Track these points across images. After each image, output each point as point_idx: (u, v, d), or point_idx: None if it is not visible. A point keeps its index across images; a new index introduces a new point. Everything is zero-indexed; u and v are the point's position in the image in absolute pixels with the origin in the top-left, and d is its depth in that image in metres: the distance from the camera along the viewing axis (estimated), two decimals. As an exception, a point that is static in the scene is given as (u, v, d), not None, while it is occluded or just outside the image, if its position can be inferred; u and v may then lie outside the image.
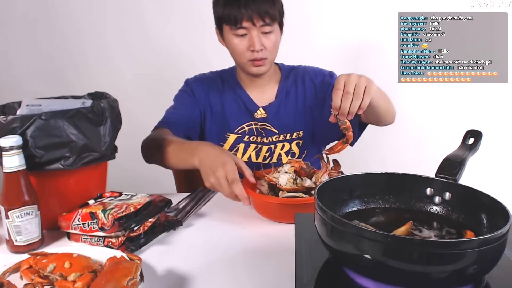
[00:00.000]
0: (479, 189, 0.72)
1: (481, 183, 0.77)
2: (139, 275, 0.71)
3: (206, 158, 1.04)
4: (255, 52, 1.23)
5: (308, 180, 1.06)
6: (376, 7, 2.03)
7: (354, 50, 2.13)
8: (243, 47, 1.24)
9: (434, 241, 0.67)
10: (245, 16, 1.19)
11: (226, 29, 1.24)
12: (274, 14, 1.21)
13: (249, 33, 1.22)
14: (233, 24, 1.21)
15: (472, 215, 0.73)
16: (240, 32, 1.22)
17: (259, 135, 1.38)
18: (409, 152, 2.17)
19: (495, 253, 0.59)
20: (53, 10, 2.19)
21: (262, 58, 1.25)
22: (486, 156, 2.12)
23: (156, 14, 2.14)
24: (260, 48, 1.23)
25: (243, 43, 1.23)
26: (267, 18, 1.20)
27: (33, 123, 0.89)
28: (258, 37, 1.22)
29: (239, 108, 1.38)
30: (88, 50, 2.22)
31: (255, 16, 1.19)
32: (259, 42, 1.22)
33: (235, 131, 1.37)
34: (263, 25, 1.21)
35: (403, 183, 0.80)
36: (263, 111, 1.37)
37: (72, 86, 2.06)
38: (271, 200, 1.01)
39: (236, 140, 1.37)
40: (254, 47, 1.22)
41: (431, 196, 0.78)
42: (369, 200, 0.81)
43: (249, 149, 1.37)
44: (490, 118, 2.09)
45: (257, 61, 1.26)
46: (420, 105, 2.16)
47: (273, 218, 1.02)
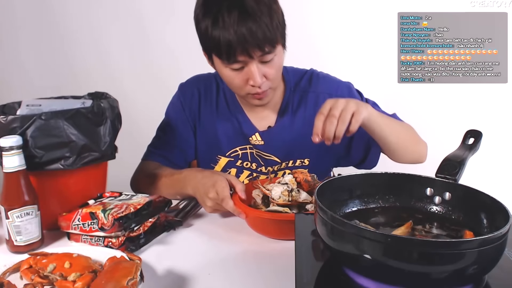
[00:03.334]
0: (479, 189, 0.72)
1: (481, 183, 0.77)
2: (139, 275, 0.71)
3: (198, 184, 1.01)
4: (256, 87, 1.03)
5: (304, 194, 0.97)
6: (376, 7, 2.03)
7: (354, 50, 2.13)
8: (241, 81, 1.03)
9: (434, 241, 0.67)
10: (239, 49, 0.95)
11: (217, 59, 1.03)
12: (274, 37, 0.97)
13: (246, 66, 1.00)
14: (225, 58, 0.98)
15: (472, 215, 0.73)
16: (235, 67, 1.01)
17: (254, 161, 1.22)
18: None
19: (495, 253, 0.59)
20: (53, 10, 2.19)
21: (264, 90, 1.05)
22: (486, 156, 2.12)
23: (156, 14, 2.14)
24: (261, 82, 1.02)
25: (240, 76, 1.02)
26: (267, 46, 0.97)
27: (33, 123, 0.89)
28: (258, 70, 1.00)
29: (233, 128, 1.20)
30: (88, 50, 2.22)
31: (251, 48, 0.95)
32: (260, 75, 1.00)
33: (226, 154, 1.22)
34: (262, 55, 0.98)
35: (403, 183, 0.80)
36: (260, 138, 1.18)
37: (72, 86, 2.06)
38: (253, 214, 0.94)
39: (228, 164, 1.23)
40: (254, 82, 1.01)
41: (431, 196, 0.78)
42: (369, 200, 0.81)
43: (242, 175, 1.22)
44: (490, 118, 2.10)
45: (258, 95, 1.06)
46: (420, 105, 2.16)
47: (258, 231, 0.96)
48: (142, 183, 1.18)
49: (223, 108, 1.22)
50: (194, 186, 1.03)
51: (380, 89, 1.64)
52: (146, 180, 1.16)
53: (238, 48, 0.95)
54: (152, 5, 2.13)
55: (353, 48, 2.13)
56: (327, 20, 2.08)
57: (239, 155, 1.21)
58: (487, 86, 1.81)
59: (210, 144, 1.23)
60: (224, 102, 1.22)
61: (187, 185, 1.05)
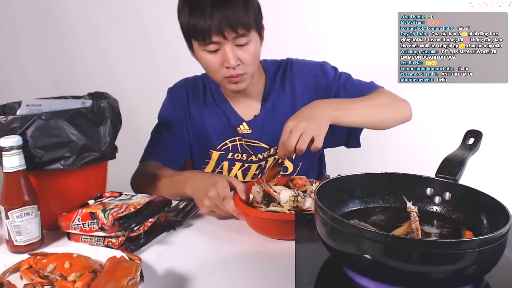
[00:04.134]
0: (479, 189, 0.72)
1: (481, 183, 0.77)
2: (139, 275, 0.71)
3: (199, 183, 1.01)
4: (231, 69, 1.08)
5: (309, 201, 0.96)
6: (376, 7, 2.03)
7: (354, 50, 2.13)
8: (217, 63, 1.08)
9: (434, 241, 0.67)
10: (213, 29, 1.02)
11: (195, 44, 1.09)
12: (248, 21, 1.04)
13: (221, 47, 1.06)
14: (201, 39, 1.05)
15: (472, 215, 0.73)
16: (211, 48, 1.06)
17: (244, 152, 1.26)
18: (409, 152, 2.17)
19: (495, 253, 0.59)
20: (53, 10, 2.19)
21: (239, 74, 1.10)
22: (486, 156, 2.12)
23: (155, 14, 2.14)
24: (235, 63, 1.07)
25: (216, 59, 1.08)
26: (240, 28, 1.03)
27: (33, 123, 0.89)
28: (232, 52, 1.05)
29: (221, 122, 1.26)
30: (87, 50, 2.22)
31: (225, 28, 1.02)
32: (233, 57, 1.06)
33: (217, 148, 1.27)
34: (236, 36, 1.05)
35: (403, 183, 0.80)
36: (247, 127, 1.24)
37: (72, 86, 2.06)
38: (254, 214, 0.93)
39: (220, 157, 1.27)
40: (228, 63, 1.07)
41: (431, 196, 0.78)
42: (369, 200, 0.81)
43: (234, 168, 1.27)
44: (490, 118, 2.09)
45: (234, 78, 1.11)
46: (420, 105, 2.15)
47: (258, 231, 0.96)
48: (142, 183, 1.18)
49: (210, 103, 1.28)
50: (194, 185, 1.03)
51: (380, 89, 1.64)
52: (146, 180, 1.17)
53: (212, 28, 1.02)
54: (152, 5, 2.13)
55: (353, 48, 2.12)
56: (327, 20, 2.07)
57: (229, 147, 1.26)
58: (487, 86, 1.81)
59: (201, 140, 1.28)
60: (211, 97, 1.28)
61: (186, 185, 1.05)
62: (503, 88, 1.98)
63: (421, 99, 2.12)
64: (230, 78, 1.11)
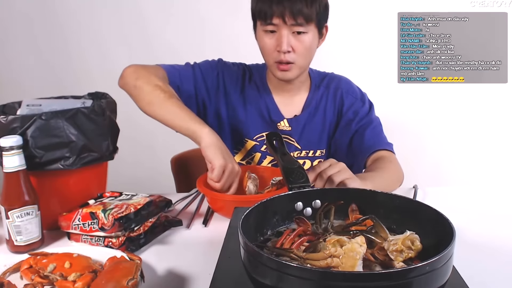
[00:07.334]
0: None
1: (481, 183, 0.77)
2: (139, 275, 0.71)
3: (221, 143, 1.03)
4: (282, 54, 1.13)
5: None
6: (376, 7, 2.03)
7: (354, 50, 2.13)
8: (271, 45, 1.14)
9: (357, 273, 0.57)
10: (276, 12, 1.09)
11: (258, 25, 1.16)
12: (309, 14, 1.10)
13: (278, 31, 1.12)
14: (263, 19, 1.12)
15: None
16: (270, 28, 1.12)
17: None
18: (409, 152, 2.17)
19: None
20: (53, 10, 2.19)
21: (288, 62, 1.14)
22: (486, 156, 2.13)
23: (155, 14, 2.14)
24: (287, 49, 1.11)
25: (272, 41, 1.14)
26: (300, 18, 1.09)
27: (33, 123, 0.89)
28: (287, 37, 1.11)
29: (261, 114, 1.28)
30: (88, 51, 2.23)
31: (287, 14, 1.09)
32: (287, 42, 1.11)
33: (253, 138, 1.28)
34: (295, 24, 1.10)
35: (274, 206, 0.75)
36: (287, 124, 1.27)
37: (72, 86, 2.06)
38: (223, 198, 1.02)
39: (253, 148, 1.28)
40: (280, 47, 1.11)
41: (302, 209, 0.76)
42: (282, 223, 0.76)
43: (265, 161, 1.29)
44: (490, 118, 2.10)
45: (282, 65, 1.15)
46: (420, 105, 2.16)
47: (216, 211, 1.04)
48: (138, 72, 1.16)
49: (253, 93, 1.29)
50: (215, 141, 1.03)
51: (380, 89, 1.64)
52: (145, 73, 1.16)
53: (275, 10, 1.09)
54: (153, 5, 2.13)
55: (353, 48, 2.13)
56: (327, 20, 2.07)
57: (265, 140, 1.26)
58: (487, 86, 1.81)
59: (236, 127, 1.29)
60: (255, 86, 1.29)
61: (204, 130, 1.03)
62: (503, 88, 1.99)
63: (421, 99, 2.12)
64: (279, 64, 1.15)
